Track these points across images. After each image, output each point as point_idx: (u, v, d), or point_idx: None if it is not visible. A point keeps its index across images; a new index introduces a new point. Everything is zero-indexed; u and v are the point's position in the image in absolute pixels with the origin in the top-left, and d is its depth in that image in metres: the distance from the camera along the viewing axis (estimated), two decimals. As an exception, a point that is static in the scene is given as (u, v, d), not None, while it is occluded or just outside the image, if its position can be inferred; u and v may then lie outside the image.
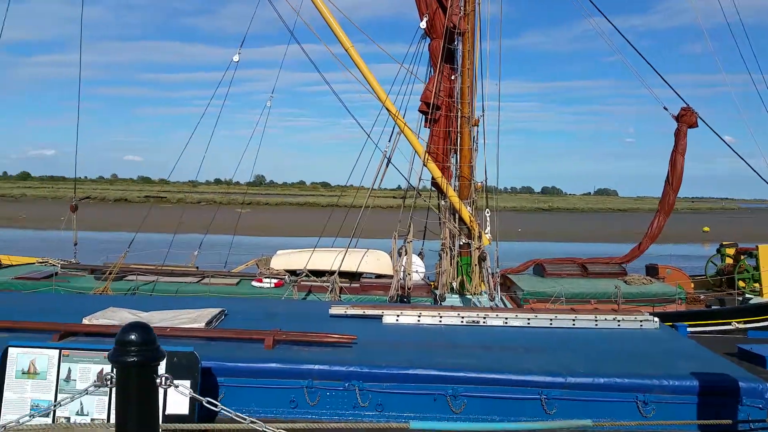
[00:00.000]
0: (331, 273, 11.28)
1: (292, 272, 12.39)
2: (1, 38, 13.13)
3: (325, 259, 11.92)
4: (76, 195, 16.48)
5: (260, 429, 3.39)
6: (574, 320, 7.02)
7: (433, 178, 12.31)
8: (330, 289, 10.79)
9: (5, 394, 5.34)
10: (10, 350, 5.41)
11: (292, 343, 6.03)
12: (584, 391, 5.14)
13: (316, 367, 5.32)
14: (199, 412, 5.03)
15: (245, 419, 2.79)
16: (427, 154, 12.08)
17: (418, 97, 12.92)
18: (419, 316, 6.94)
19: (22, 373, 5.36)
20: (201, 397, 3.36)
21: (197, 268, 13.85)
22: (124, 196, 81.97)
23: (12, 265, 15.26)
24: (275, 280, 11.74)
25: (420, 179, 12.02)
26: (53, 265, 13.79)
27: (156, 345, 1.93)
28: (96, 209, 51.56)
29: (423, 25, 12.61)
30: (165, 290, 11.39)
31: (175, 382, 4.87)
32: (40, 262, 14.45)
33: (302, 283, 11.48)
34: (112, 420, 4.91)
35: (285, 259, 12.96)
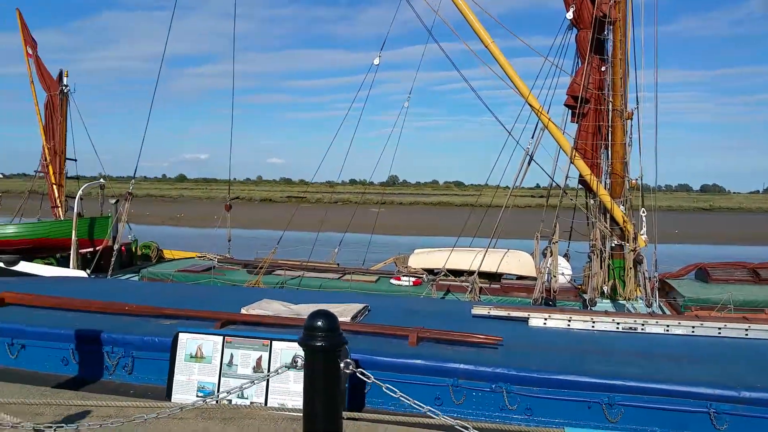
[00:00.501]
0: (470, 273, 11.25)
1: (430, 271, 12.53)
2: (159, 51, 14.63)
3: (464, 258, 11.91)
4: (229, 195, 17.89)
5: (436, 419, 3.42)
6: (747, 330, 6.40)
7: (580, 176, 11.81)
8: (469, 289, 10.77)
9: (176, 376, 5.97)
10: (180, 335, 6.03)
11: (435, 341, 6.11)
12: (763, 408, 4.69)
13: (462, 366, 5.35)
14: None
15: (423, 407, 2.85)
16: (574, 151, 11.63)
17: (563, 91, 12.49)
18: (569, 321, 6.72)
19: (191, 357, 5.95)
20: (380, 383, 3.45)
21: (338, 264, 14.50)
22: (269, 196, 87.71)
23: (174, 259, 17.02)
24: (413, 279, 11.95)
25: (567, 177, 11.60)
26: (210, 259, 15.12)
27: (339, 332, 2.08)
28: (244, 208, 55.70)
29: (569, 15, 12.17)
30: (310, 285, 12.05)
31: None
32: (199, 257, 15.92)
33: (440, 282, 11.57)
34: (270, 404, 5.31)
35: (423, 258, 13.14)
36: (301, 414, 4.34)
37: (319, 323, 2.04)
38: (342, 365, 2.12)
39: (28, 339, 7.29)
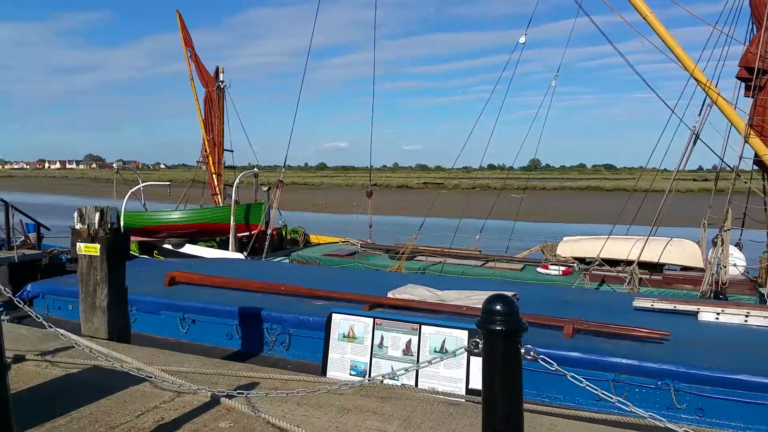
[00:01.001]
0: (628, 263, 10.61)
1: (581, 260, 12.01)
2: (300, 45, 15.25)
3: (621, 247, 11.25)
4: (370, 182, 18.39)
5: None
6: None
7: (756, 156, 10.66)
8: (628, 280, 10.16)
9: (330, 354, 6.30)
10: (334, 316, 6.34)
11: (593, 334, 5.87)
12: None
13: (624, 360, 5.11)
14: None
15: (612, 397, 2.74)
16: (749, 128, 10.51)
17: (734, 62, 11.31)
18: (747, 316, 6.14)
19: (343, 337, 6.24)
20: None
21: (480, 251, 14.38)
22: (405, 183, 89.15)
23: (320, 244, 17.88)
24: (563, 268, 11.52)
25: (740, 158, 10.50)
26: (353, 244, 15.70)
27: (519, 317, 2.06)
28: (381, 195, 57.05)
29: (742, -21, 11.01)
30: (452, 271, 12.07)
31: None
32: (343, 242, 16.59)
33: (594, 272, 11.04)
34: (420, 386, 5.42)
35: (573, 246, 12.61)
36: (456, 399, 4.39)
37: (499, 307, 2.03)
38: (522, 351, 2.09)
39: (197, 314, 8.11)
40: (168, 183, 21.32)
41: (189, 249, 16.65)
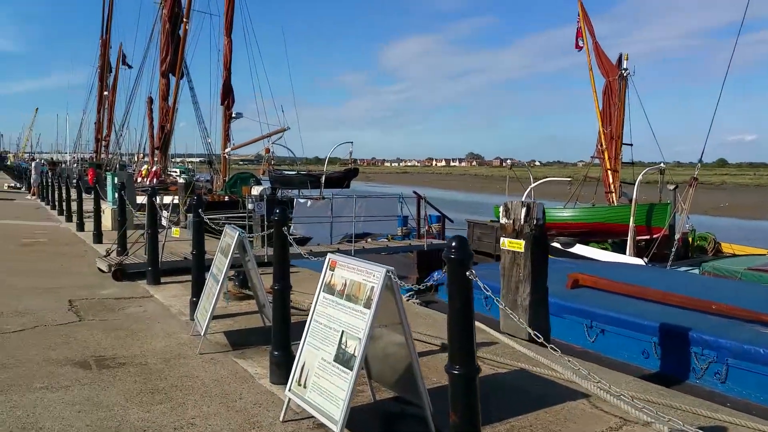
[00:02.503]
0: None
1: None
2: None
3: None
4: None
5: None
6: None
7: None
8: None
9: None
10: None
11: None
12: None
13: None
14: None
15: None
16: None
17: None
18: None
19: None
20: None
21: None
22: None
23: (735, 255, 15.53)
24: None
25: None
26: (805, 257, 13.16)
27: None
28: (810, 198, 47.83)
29: None
30: None
31: None
32: (776, 254, 14.07)
33: None
34: None
35: None
36: None
37: None
38: None
39: (608, 324, 7.59)
40: (569, 179, 21.40)
41: (579, 249, 16.29)
